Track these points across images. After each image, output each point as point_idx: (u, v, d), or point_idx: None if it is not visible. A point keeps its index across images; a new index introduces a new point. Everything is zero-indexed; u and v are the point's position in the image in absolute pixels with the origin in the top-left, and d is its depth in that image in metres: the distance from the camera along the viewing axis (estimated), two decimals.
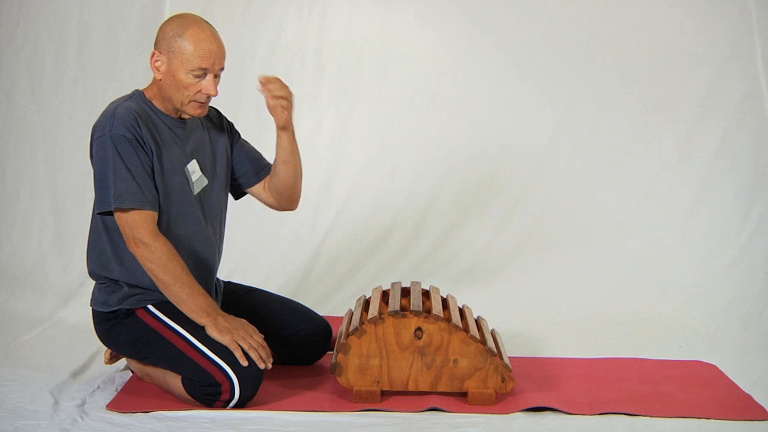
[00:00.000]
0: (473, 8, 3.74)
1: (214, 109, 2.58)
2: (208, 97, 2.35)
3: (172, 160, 2.34)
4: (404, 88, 3.76)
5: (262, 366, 2.24)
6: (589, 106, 3.73)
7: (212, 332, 2.25)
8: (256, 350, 2.24)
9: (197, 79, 2.30)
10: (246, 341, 2.25)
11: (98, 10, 3.64)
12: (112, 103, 2.33)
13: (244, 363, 2.22)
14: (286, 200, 2.58)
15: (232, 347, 2.23)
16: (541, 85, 3.74)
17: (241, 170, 2.56)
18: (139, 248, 2.24)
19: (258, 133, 3.60)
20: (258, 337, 2.29)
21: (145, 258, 2.24)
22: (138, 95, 2.37)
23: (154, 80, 2.36)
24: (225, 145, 2.52)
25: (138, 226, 2.24)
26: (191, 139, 2.41)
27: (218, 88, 2.34)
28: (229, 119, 2.59)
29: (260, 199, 2.62)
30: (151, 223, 2.25)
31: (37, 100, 3.61)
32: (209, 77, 2.32)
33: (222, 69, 2.35)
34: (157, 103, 2.36)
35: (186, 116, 2.39)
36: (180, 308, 2.27)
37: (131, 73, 3.60)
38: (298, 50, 3.74)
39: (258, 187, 2.58)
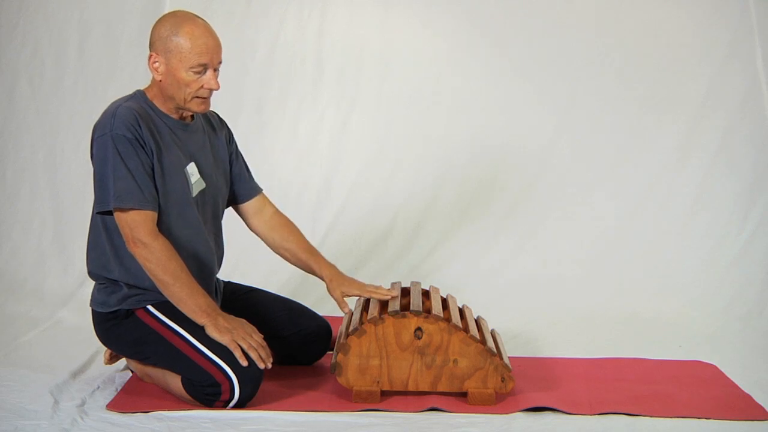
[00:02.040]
0: (473, 8, 3.74)
1: (217, 114, 2.58)
2: (211, 92, 2.35)
3: (172, 161, 2.33)
4: (404, 88, 3.76)
5: (261, 366, 2.24)
6: (589, 106, 3.72)
7: (212, 332, 2.25)
8: (256, 350, 2.24)
9: (198, 76, 2.30)
10: (246, 341, 2.25)
11: (98, 10, 3.64)
12: (113, 103, 2.33)
13: (244, 363, 2.22)
14: (270, 245, 2.62)
15: (232, 347, 2.23)
16: (541, 85, 3.73)
17: (234, 186, 2.58)
18: (139, 248, 2.23)
19: (258, 133, 3.62)
20: (258, 337, 2.28)
21: (145, 258, 2.24)
22: (139, 95, 2.37)
23: (154, 81, 2.35)
24: (225, 151, 2.53)
25: (137, 226, 2.23)
26: (191, 141, 2.41)
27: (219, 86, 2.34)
28: (230, 128, 2.60)
29: (245, 220, 2.63)
30: (150, 224, 2.25)
31: (37, 100, 3.61)
32: (209, 72, 2.31)
33: (220, 62, 2.34)
34: (158, 104, 2.36)
35: (188, 115, 2.39)
36: (179, 308, 2.27)
37: (131, 73, 3.59)
38: (298, 50, 3.74)
39: (246, 208, 2.60)
